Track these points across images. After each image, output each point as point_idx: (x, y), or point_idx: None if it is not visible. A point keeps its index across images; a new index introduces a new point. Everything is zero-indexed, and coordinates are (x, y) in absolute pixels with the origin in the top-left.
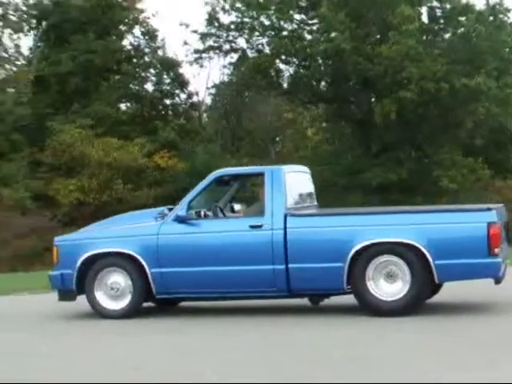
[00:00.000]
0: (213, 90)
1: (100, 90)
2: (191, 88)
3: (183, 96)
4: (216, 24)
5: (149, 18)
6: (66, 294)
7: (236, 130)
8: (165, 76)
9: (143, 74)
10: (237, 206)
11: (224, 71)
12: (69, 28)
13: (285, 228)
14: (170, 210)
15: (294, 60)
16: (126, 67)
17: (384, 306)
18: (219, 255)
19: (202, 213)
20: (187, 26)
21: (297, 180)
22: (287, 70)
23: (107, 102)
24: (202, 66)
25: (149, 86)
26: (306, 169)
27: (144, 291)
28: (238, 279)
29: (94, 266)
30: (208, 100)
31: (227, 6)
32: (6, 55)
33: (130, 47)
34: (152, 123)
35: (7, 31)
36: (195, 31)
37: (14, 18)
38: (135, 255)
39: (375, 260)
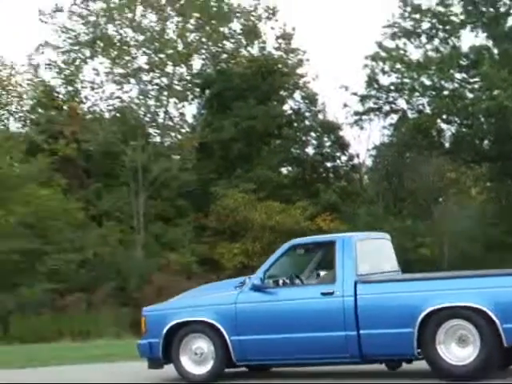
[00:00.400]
0: (373, 152)
1: (262, 155)
2: (352, 150)
3: (344, 158)
4: (376, 86)
5: (309, 82)
6: (154, 362)
7: (398, 191)
8: (325, 139)
9: (304, 138)
10: (323, 273)
11: (384, 132)
12: (231, 95)
13: (355, 295)
14: None
15: (456, 119)
16: (287, 131)
17: (455, 371)
18: (293, 322)
19: (279, 281)
20: (347, 88)
21: (373, 247)
22: (449, 130)
23: (269, 166)
24: (362, 128)
25: (309, 150)
26: (385, 235)
27: (225, 357)
28: (312, 345)
29: (178, 333)
30: (369, 161)
31: (387, 68)
32: (171, 123)
33: (290, 111)
34: (313, 186)
35: (172, 100)
36: (355, 93)
37: (178, 88)
38: (215, 323)
39: (445, 324)
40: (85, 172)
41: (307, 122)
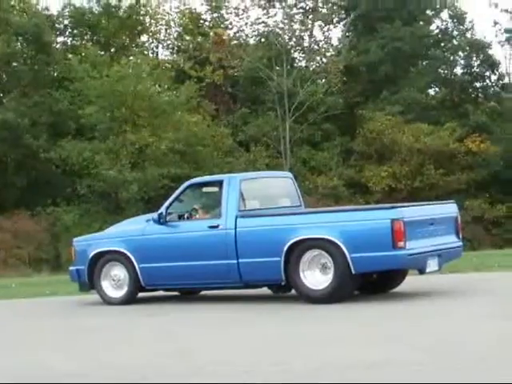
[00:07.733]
0: None
1: (409, 77)
2: (502, 69)
3: (494, 78)
4: None
5: (457, 0)
6: (83, 286)
7: None
8: (474, 58)
9: (452, 58)
10: (210, 209)
11: None
12: (376, 16)
13: (235, 228)
14: None
15: None
16: (435, 52)
17: (312, 295)
18: (186, 252)
19: (176, 216)
20: (496, 5)
21: (266, 185)
22: None
23: (416, 87)
24: None
25: (458, 70)
26: (287, 174)
27: (137, 283)
28: (202, 272)
29: (99, 261)
30: None
31: None
32: (316, 47)
33: (437, 31)
34: (462, 107)
35: (317, 23)
36: (506, 10)
37: (324, 11)
38: (127, 253)
39: (307, 254)
40: (231, 98)
41: (455, 42)
